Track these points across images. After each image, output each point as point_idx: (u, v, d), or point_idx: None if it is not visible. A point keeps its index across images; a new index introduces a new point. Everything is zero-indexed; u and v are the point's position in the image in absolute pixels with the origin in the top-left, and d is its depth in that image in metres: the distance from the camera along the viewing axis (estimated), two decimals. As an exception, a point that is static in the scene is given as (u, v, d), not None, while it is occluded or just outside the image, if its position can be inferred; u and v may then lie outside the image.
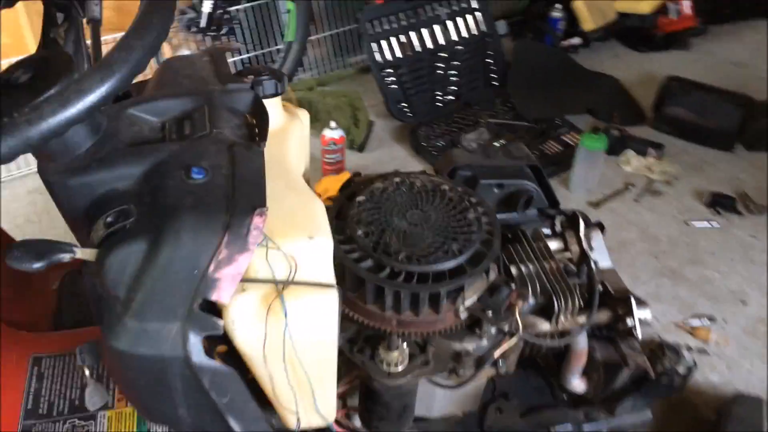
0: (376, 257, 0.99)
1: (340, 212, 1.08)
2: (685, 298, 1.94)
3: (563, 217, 1.33)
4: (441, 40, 2.67)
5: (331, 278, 0.83)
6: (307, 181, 1.29)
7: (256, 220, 0.73)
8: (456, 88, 2.70)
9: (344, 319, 1.03)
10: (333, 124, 2.23)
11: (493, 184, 1.28)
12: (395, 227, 1.05)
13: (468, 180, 1.29)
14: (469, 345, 1.07)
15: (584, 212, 1.34)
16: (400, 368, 1.00)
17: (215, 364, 0.77)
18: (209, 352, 0.76)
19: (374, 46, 2.53)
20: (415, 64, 2.62)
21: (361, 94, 2.63)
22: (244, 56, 2.72)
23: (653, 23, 3.17)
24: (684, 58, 3.22)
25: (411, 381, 1.02)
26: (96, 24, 1.00)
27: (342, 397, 1.14)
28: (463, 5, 2.72)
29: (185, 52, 2.44)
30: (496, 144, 1.37)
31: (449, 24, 2.68)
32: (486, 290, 1.04)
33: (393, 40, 2.57)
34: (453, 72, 2.69)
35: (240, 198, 0.74)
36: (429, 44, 2.65)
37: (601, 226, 1.45)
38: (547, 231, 1.33)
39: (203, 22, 2.27)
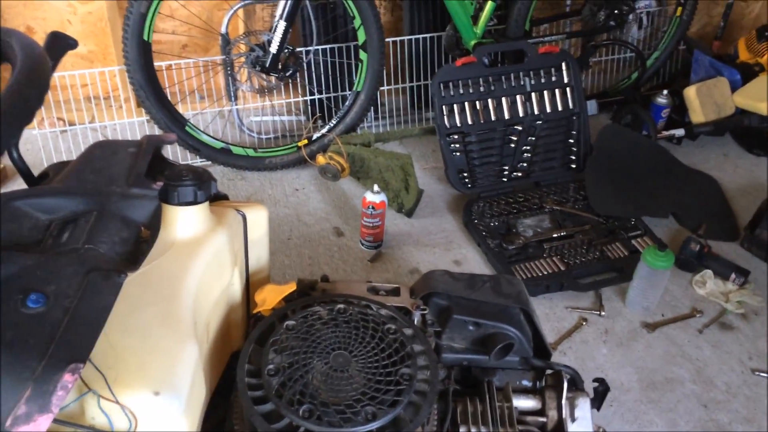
0: (276, 402, 0.86)
1: (263, 335, 0.96)
2: (723, 468, 1.66)
3: (547, 372, 1.15)
4: (521, 112, 2.48)
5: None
6: (267, 278, 1.19)
7: (66, 377, 0.62)
8: (526, 165, 2.50)
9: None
10: (375, 187, 2.11)
11: (468, 322, 1.11)
12: (312, 369, 0.91)
13: (442, 310, 1.14)
14: None
15: (575, 370, 1.15)
16: None
17: None
18: None
19: (444, 109, 2.39)
20: (486, 134, 2.45)
21: (418, 158, 2.48)
22: (312, 97, 2.67)
23: (775, 126, 2.80)
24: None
25: None
26: None
27: None
28: (554, 79, 2.51)
29: (246, 87, 2.42)
30: (483, 278, 1.21)
31: (533, 96, 2.49)
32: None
33: (466, 105, 2.42)
34: (527, 147, 2.49)
35: (61, 345, 0.64)
36: (506, 115, 2.47)
37: (603, 386, 1.24)
38: (527, 383, 1.14)
39: (268, 62, 2.22)
